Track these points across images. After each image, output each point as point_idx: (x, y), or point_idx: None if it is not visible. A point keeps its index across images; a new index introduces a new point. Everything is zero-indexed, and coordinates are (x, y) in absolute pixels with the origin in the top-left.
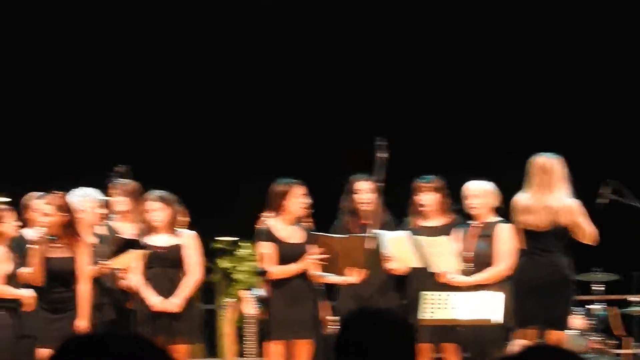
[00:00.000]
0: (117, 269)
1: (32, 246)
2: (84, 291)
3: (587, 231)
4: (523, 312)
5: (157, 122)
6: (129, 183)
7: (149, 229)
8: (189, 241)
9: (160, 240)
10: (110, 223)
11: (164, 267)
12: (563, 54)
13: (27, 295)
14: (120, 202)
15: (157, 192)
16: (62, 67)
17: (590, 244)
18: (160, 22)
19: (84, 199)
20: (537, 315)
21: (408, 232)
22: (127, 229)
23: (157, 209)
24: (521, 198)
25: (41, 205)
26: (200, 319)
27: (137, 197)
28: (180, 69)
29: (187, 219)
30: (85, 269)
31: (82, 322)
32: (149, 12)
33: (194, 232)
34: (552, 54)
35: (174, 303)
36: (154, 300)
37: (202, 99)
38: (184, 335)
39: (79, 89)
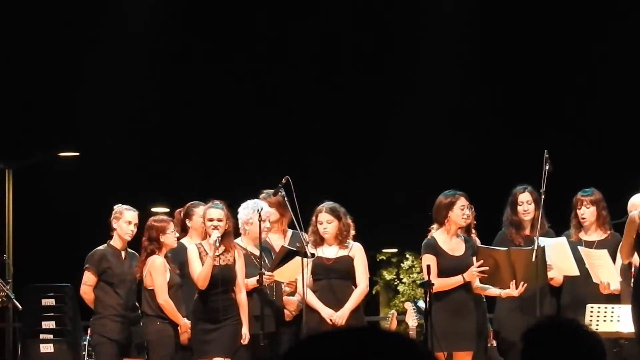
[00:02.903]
0: (281, 280)
1: (195, 252)
2: (244, 299)
3: None
4: None
5: (323, 135)
6: (274, 194)
7: (318, 240)
8: (356, 253)
9: (328, 251)
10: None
11: (331, 278)
12: None
13: (184, 324)
14: (269, 213)
15: (328, 204)
16: (231, 89)
17: None
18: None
19: (253, 210)
20: None
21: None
22: (274, 240)
23: (327, 221)
24: None
25: (211, 212)
26: None
27: (284, 208)
28: (349, 83)
29: (353, 232)
30: (243, 277)
31: (245, 329)
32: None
33: (360, 244)
34: None
35: (341, 316)
36: (325, 312)
37: (373, 115)
38: None
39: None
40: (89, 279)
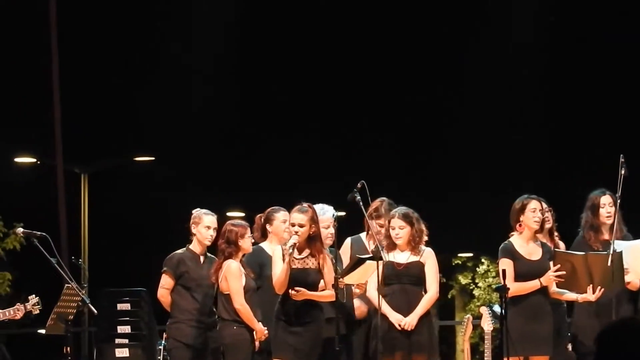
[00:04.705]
0: (350, 283)
1: (279, 253)
2: (329, 294)
3: None
4: None
5: (398, 139)
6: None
7: (391, 245)
8: (427, 258)
9: (400, 257)
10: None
11: (402, 283)
12: None
13: (259, 329)
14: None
15: (401, 210)
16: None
17: None
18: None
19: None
20: None
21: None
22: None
23: (400, 226)
24: None
25: (293, 217)
26: (436, 335)
27: (380, 212)
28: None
29: (426, 237)
30: (331, 280)
31: (308, 293)
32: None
33: (431, 250)
34: None
35: (409, 322)
36: (394, 317)
37: (451, 118)
38: (422, 351)
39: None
40: (166, 282)
